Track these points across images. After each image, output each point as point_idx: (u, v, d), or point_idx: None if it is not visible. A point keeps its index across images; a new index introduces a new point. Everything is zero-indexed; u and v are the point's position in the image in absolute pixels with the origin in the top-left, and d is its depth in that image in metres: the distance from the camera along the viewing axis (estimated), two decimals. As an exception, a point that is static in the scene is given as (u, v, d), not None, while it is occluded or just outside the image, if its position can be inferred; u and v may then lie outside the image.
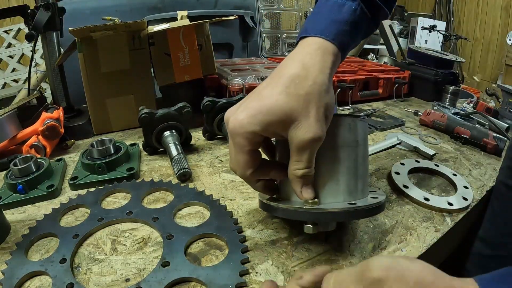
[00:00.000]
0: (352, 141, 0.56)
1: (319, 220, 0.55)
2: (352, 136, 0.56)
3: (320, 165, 0.54)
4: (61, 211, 0.67)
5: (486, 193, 0.86)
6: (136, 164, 0.84)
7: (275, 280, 0.53)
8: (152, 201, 0.72)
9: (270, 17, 1.78)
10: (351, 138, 0.56)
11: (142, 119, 0.86)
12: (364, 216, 0.62)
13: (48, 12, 1.00)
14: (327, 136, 0.51)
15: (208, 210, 0.68)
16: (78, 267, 0.54)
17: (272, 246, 0.60)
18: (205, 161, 0.92)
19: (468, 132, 1.12)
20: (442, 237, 0.68)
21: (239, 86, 1.13)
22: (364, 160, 0.59)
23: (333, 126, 0.54)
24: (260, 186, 0.59)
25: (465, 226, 0.85)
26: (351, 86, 1.42)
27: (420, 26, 5.09)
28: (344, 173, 0.56)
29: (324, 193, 0.55)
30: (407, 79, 1.67)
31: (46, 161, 0.80)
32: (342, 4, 0.56)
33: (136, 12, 1.88)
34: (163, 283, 0.50)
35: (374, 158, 0.99)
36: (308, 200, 0.53)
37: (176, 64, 1.11)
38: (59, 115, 0.93)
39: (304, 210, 0.53)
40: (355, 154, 0.57)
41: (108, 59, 1.02)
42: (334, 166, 0.55)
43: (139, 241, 0.60)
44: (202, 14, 1.70)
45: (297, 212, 0.53)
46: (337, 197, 0.56)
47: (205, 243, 0.60)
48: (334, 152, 0.55)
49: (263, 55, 1.71)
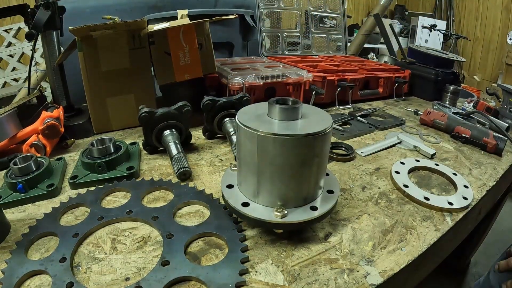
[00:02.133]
0: (312, 156, 0.57)
1: (287, 229, 0.60)
2: (312, 151, 0.57)
3: (286, 180, 0.58)
4: (61, 210, 0.67)
5: (486, 193, 0.86)
6: (136, 163, 0.84)
7: (275, 279, 0.53)
8: (152, 200, 0.72)
9: (270, 16, 1.78)
10: (311, 152, 0.57)
11: (142, 118, 0.86)
12: (322, 219, 0.63)
13: (48, 11, 1.00)
14: (290, 154, 0.55)
15: (208, 209, 0.68)
16: (78, 266, 0.54)
17: (272, 245, 0.61)
18: (205, 160, 0.92)
19: (469, 132, 1.12)
20: (442, 237, 0.68)
21: (239, 85, 1.13)
22: (322, 166, 0.62)
23: (297, 145, 0.55)
24: None
25: (466, 225, 0.86)
26: (351, 85, 1.42)
27: (420, 25, 5.10)
28: (306, 183, 0.60)
29: (290, 201, 0.60)
30: (407, 78, 1.67)
31: (46, 160, 0.80)
32: None
33: (136, 11, 1.88)
34: (163, 282, 0.50)
35: (374, 157, 0.99)
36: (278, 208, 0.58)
37: (176, 63, 1.11)
38: (59, 114, 0.93)
39: (273, 222, 0.58)
40: (316, 165, 0.59)
41: (108, 58, 1.02)
42: (299, 179, 0.58)
43: (139, 240, 0.60)
44: (202, 13, 1.70)
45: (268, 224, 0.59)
46: (300, 201, 0.61)
47: (205, 242, 0.60)
48: (297, 168, 0.57)
49: (263, 54, 1.70)
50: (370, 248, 0.62)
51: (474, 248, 2.01)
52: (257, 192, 0.59)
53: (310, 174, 0.58)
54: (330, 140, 0.61)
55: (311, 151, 0.56)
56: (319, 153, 0.57)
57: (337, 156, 0.95)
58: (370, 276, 0.55)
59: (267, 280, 0.53)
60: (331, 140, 0.64)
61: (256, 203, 0.60)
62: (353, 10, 5.85)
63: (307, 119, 0.59)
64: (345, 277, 0.55)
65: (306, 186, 0.59)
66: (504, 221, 2.39)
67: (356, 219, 0.70)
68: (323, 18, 1.98)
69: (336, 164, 0.93)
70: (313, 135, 0.54)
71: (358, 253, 0.61)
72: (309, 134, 0.54)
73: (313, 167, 0.58)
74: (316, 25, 1.92)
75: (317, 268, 0.56)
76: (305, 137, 0.54)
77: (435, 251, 0.70)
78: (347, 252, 0.61)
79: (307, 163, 0.56)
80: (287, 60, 1.61)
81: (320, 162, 0.59)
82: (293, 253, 0.59)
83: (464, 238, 1.03)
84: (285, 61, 1.58)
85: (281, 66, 1.45)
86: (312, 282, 0.53)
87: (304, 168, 0.57)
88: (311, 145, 0.55)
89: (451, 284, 2.04)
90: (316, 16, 1.91)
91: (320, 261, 0.58)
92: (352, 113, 1.31)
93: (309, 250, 0.60)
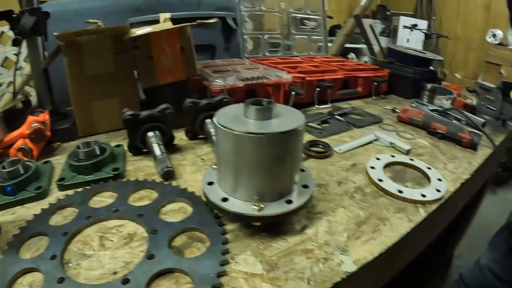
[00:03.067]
0: (285, 152, 0.60)
1: (264, 221, 0.63)
2: (285, 148, 0.60)
3: (262, 175, 0.61)
4: (50, 211, 0.69)
5: (461, 186, 0.90)
6: (121, 165, 0.87)
7: (254, 268, 0.57)
8: (138, 199, 0.75)
9: (253, 18, 1.80)
10: (284, 149, 0.60)
11: (126, 121, 0.89)
12: (298, 212, 0.66)
13: (33, 17, 1.01)
14: (264, 151, 0.58)
15: (190, 206, 0.71)
16: (68, 262, 0.57)
17: (251, 237, 0.64)
18: (188, 160, 0.95)
19: (444, 128, 1.16)
20: (416, 227, 0.72)
21: (220, 87, 1.15)
22: (295, 162, 0.65)
23: (271, 142, 0.58)
24: None
25: (441, 217, 0.89)
26: (330, 85, 1.45)
27: (402, 25, 5.15)
28: (281, 178, 0.63)
29: (266, 196, 0.63)
30: (386, 77, 1.71)
31: (33, 163, 0.81)
32: None
33: (120, 14, 1.87)
34: (149, 274, 0.53)
35: (351, 154, 1.02)
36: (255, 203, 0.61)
37: (159, 67, 1.13)
38: (45, 118, 0.95)
39: (250, 215, 0.61)
40: (289, 161, 0.62)
41: (92, 62, 1.04)
42: (274, 175, 0.62)
43: (125, 237, 0.63)
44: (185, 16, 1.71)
45: (246, 217, 0.62)
46: (276, 196, 0.64)
47: (188, 237, 0.63)
48: (272, 164, 0.60)
49: (245, 56, 1.73)
50: (344, 239, 0.65)
51: (456, 241, 2.06)
52: (235, 188, 0.63)
53: (284, 169, 0.62)
54: (302, 138, 0.64)
55: (284, 148, 0.59)
56: (292, 150, 0.61)
57: (314, 154, 0.98)
58: (344, 264, 0.59)
59: (246, 270, 0.56)
60: (304, 138, 0.67)
61: (234, 198, 0.63)
62: (335, 11, 5.88)
63: (280, 118, 0.63)
64: (320, 265, 0.58)
65: (281, 181, 0.63)
66: (487, 215, 2.44)
67: (331, 212, 0.73)
68: (304, 19, 2.01)
69: (314, 161, 0.97)
70: (285, 133, 0.58)
71: (333, 243, 0.64)
72: (281, 132, 0.57)
73: (287, 163, 0.61)
74: (297, 26, 1.95)
75: (294, 258, 0.60)
76: (277, 135, 0.57)
77: (410, 241, 0.73)
78: (323, 242, 0.64)
79: (281, 160, 0.60)
80: (268, 61, 1.64)
81: (294, 158, 0.62)
82: (271, 244, 0.62)
83: (443, 231, 1.06)
84: (266, 62, 1.61)
85: (262, 68, 1.48)
86: (289, 271, 0.57)
87: (278, 164, 0.60)
88: (283, 142, 0.59)
89: (436, 276, 2.08)
90: (296, 18, 1.95)
91: (296, 252, 0.61)
92: (331, 112, 1.35)
93: (286, 242, 0.63)
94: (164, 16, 1.29)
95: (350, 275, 0.57)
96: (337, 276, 0.57)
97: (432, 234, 0.96)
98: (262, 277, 0.55)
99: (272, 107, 0.62)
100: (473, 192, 1.26)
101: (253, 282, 0.54)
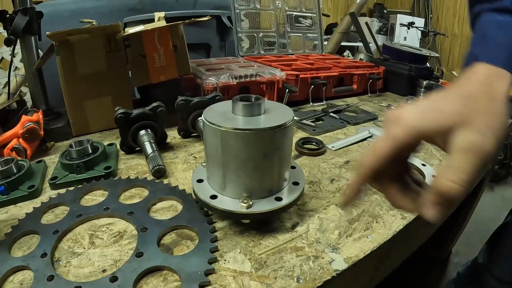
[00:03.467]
0: (273, 148, 0.60)
1: (252, 218, 0.64)
2: (273, 145, 0.60)
3: (250, 172, 0.61)
4: (42, 210, 0.69)
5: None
6: (114, 163, 0.87)
7: (243, 266, 0.57)
8: (128, 197, 0.75)
9: (248, 16, 1.80)
10: (272, 146, 0.60)
11: (118, 119, 0.89)
12: (287, 209, 0.67)
13: (26, 17, 1.01)
14: (252, 148, 0.58)
15: (181, 204, 0.72)
16: (58, 260, 0.57)
17: (240, 235, 0.64)
18: (180, 158, 0.95)
19: (439, 124, 1.16)
20: (409, 224, 0.71)
21: (213, 85, 1.16)
22: (285, 159, 0.65)
23: (258, 139, 0.58)
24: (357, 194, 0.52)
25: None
26: (325, 82, 1.45)
27: (399, 23, 5.16)
28: (270, 175, 0.63)
29: (255, 193, 0.63)
30: (381, 74, 1.71)
31: (26, 163, 0.81)
32: (508, 23, 0.54)
33: (115, 13, 1.88)
34: (137, 271, 0.53)
35: (344, 151, 1.03)
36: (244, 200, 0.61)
37: (151, 65, 1.13)
38: (38, 118, 0.95)
39: (239, 212, 0.61)
40: (278, 158, 0.62)
41: (85, 61, 1.04)
42: (262, 172, 0.62)
43: (115, 235, 0.63)
44: (180, 15, 1.71)
45: (234, 214, 0.62)
46: (265, 193, 0.64)
47: (177, 234, 0.64)
48: (260, 161, 0.60)
49: (240, 55, 1.73)
50: (336, 237, 0.65)
51: (454, 238, 2.07)
52: (224, 185, 0.63)
53: (273, 166, 0.62)
54: (292, 134, 0.65)
55: (272, 144, 0.59)
56: (280, 146, 0.61)
57: (307, 151, 0.98)
58: (335, 263, 0.59)
59: (235, 268, 0.56)
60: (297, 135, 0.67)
61: (223, 195, 0.64)
62: (332, 9, 5.90)
63: (269, 114, 0.63)
64: (310, 263, 0.58)
65: (270, 178, 0.63)
66: (484, 211, 2.45)
67: (323, 210, 0.73)
68: (299, 17, 2.01)
69: (306, 158, 0.97)
70: (273, 128, 0.58)
71: (324, 241, 0.64)
72: (269, 128, 0.57)
73: (275, 159, 0.61)
74: (292, 24, 1.95)
75: (283, 256, 0.59)
76: (265, 131, 0.57)
77: (404, 239, 0.73)
78: (313, 240, 0.64)
79: (269, 156, 0.60)
80: (263, 59, 1.64)
81: (282, 154, 0.62)
82: (261, 242, 0.62)
83: (440, 228, 1.06)
84: (261, 60, 1.61)
85: (256, 65, 1.48)
86: (278, 268, 0.57)
87: (267, 161, 0.60)
88: (272, 139, 0.59)
89: (434, 273, 2.09)
90: (292, 15, 1.95)
91: (286, 249, 0.61)
92: (325, 109, 1.35)
93: (276, 239, 0.63)
94: (158, 15, 1.29)
95: (341, 273, 0.57)
96: (327, 274, 0.56)
97: (427, 232, 0.96)
98: (251, 275, 0.55)
99: (261, 103, 0.62)
100: (469, 189, 1.26)
101: (241, 280, 0.54)
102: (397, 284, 1.73)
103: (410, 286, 1.93)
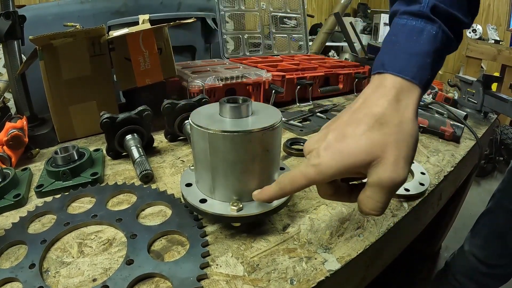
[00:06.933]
0: (262, 150, 0.60)
1: (243, 221, 0.63)
2: (262, 146, 0.59)
3: (239, 175, 0.60)
4: (28, 219, 0.68)
5: (444, 178, 0.91)
6: (100, 169, 0.86)
7: (235, 270, 0.56)
8: (116, 203, 0.74)
9: (233, 18, 1.80)
10: (261, 147, 0.59)
11: (103, 124, 0.88)
12: (278, 211, 0.66)
13: (9, 21, 1.00)
14: (241, 150, 0.58)
15: (170, 209, 0.71)
16: (47, 271, 0.56)
17: (232, 239, 0.64)
18: (167, 162, 0.94)
19: (426, 122, 1.18)
20: (400, 222, 0.72)
21: (199, 87, 1.15)
22: (274, 160, 0.65)
23: (246, 141, 0.57)
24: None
25: (426, 210, 0.90)
26: (311, 82, 1.46)
27: (383, 22, 5.21)
28: (259, 177, 0.62)
29: (245, 195, 0.62)
30: (367, 73, 1.72)
31: (11, 171, 0.80)
32: (421, 30, 0.51)
33: (99, 17, 1.87)
34: (128, 280, 0.52)
35: (333, 151, 1.02)
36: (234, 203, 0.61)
37: (136, 68, 1.12)
38: (23, 125, 0.94)
39: (229, 215, 0.61)
40: (267, 159, 0.62)
41: (69, 66, 1.02)
42: (251, 174, 0.61)
43: (104, 243, 0.62)
44: (164, 18, 1.70)
45: (224, 218, 0.61)
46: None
47: (168, 240, 0.63)
48: (249, 163, 0.60)
49: (225, 56, 1.73)
50: (327, 237, 0.65)
51: (443, 233, 2.10)
52: (213, 188, 0.62)
53: (262, 168, 0.61)
54: (280, 135, 0.64)
55: (261, 146, 0.59)
56: (269, 148, 0.60)
57: (296, 152, 0.98)
58: (327, 263, 0.59)
59: (227, 272, 0.56)
60: (285, 136, 0.66)
61: (213, 199, 0.63)
62: (316, 10, 5.92)
63: (257, 116, 0.62)
64: (303, 264, 0.58)
65: (259, 180, 0.62)
66: (472, 206, 2.47)
67: (314, 210, 0.73)
68: (284, 18, 2.01)
69: (295, 159, 0.97)
70: (262, 130, 0.57)
71: (316, 241, 0.64)
72: (257, 129, 0.57)
73: (265, 161, 0.61)
74: (276, 25, 1.95)
75: (276, 258, 0.59)
76: (253, 133, 0.57)
77: (395, 236, 0.74)
78: (305, 241, 0.64)
79: (258, 158, 0.59)
80: (248, 61, 1.64)
81: (271, 156, 0.62)
82: (252, 245, 0.62)
83: (429, 223, 1.07)
84: (246, 62, 1.61)
85: (241, 67, 1.48)
86: (271, 271, 0.56)
87: (255, 163, 0.60)
88: (260, 140, 0.58)
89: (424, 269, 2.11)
90: (276, 16, 1.95)
91: (278, 251, 0.61)
92: (312, 109, 1.35)
93: (268, 242, 0.63)
94: (143, 17, 1.28)
95: (334, 273, 0.57)
96: (321, 274, 0.56)
97: (417, 228, 0.97)
98: (244, 279, 0.55)
99: (248, 104, 0.61)
100: (457, 185, 1.27)
101: (234, 284, 0.54)
102: (388, 281, 1.74)
103: (401, 281, 1.94)
